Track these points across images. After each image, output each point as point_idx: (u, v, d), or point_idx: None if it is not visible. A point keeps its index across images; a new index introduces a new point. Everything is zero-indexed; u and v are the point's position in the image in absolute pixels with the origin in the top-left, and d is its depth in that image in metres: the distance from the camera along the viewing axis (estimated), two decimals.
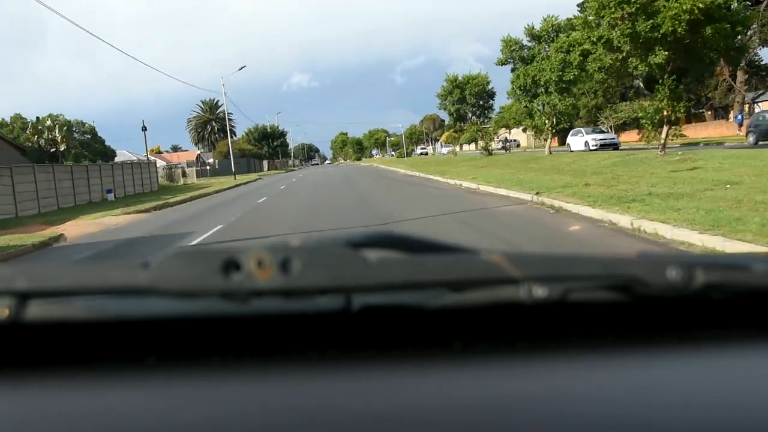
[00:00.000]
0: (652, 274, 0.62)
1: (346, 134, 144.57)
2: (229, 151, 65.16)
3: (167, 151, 78.49)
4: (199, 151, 71.82)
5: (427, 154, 73.94)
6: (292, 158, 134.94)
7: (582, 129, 32.17)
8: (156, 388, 0.59)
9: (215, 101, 78.93)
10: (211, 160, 64.88)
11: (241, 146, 69.86)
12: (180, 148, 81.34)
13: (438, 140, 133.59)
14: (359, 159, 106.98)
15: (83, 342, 0.64)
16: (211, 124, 78.27)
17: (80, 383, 0.60)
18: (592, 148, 27.43)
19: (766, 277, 0.67)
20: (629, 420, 0.52)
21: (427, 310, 0.64)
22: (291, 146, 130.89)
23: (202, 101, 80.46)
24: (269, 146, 75.65)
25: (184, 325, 0.65)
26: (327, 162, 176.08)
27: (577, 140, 30.26)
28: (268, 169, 74.02)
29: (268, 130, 78.53)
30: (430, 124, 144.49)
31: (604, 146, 27.31)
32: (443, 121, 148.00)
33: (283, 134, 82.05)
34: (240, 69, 43.52)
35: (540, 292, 0.62)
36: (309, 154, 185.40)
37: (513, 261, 0.61)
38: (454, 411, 0.53)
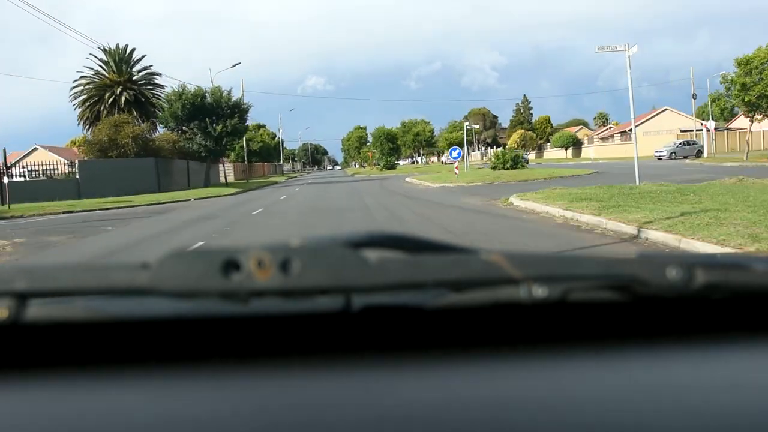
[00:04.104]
0: (652, 274, 0.62)
1: (363, 129, 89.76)
2: (117, 140, 27.43)
3: None
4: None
5: None
6: (284, 160, 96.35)
7: None
8: (156, 389, 0.59)
9: (129, 50, 42.10)
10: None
11: (164, 137, 33.76)
12: None
13: (488, 142, 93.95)
14: (392, 167, 56.24)
15: (83, 342, 0.64)
16: (113, 90, 41.24)
17: (80, 384, 0.60)
18: None
19: (766, 277, 0.68)
20: (630, 419, 0.51)
21: (427, 310, 0.65)
22: (283, 143, 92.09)
23: (103, 49, 42.42)
24: (207, 133, 34.61)
25: (185, 325, 0.65)
26: (337, 167, 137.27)
27: None
28: (212, 183, 37.06)
29: (208, 99, 34.98)
30: (479, 120, 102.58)
31: None
32: (495, 117, 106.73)
33: (239, 108, 36.49)
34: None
35: (540, 292, 0.62)
36: (315, 157, 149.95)
37: (513, 261, 0.61)
38: (454, 411, 0.53)
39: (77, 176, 28.36)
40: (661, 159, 39.62)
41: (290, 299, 0.59)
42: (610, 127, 77.81)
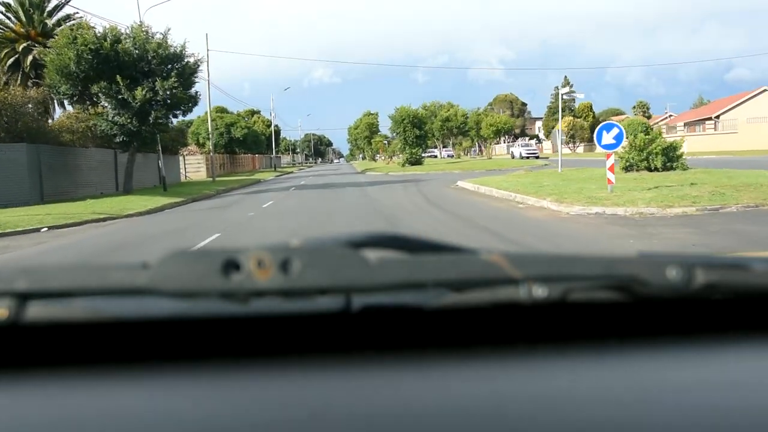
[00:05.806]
0: (652, 274, 0.62)
1: (374, 114, 68.95)
2: None
3: None
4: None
5: None
6: (281, 152, 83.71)
7: None
8: (156, 389, 0.59)
9: None
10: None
11: (75, 114, 21.15)
12: None
13: (515, 133, 79.86)
14: (418, 162, 40.43)
15: (83, 342, 0.64)
16: (14, 47, 28.37)
17: (81, 384, 0.60)
18: None
19: (766, 277, 0.68)
20: (630, 420, 0.52)
21: (427, 310, 0.65)
22: (280, 132, 79.67)
23: None
24: (122, 103, 18.92)
25: (184, 325, 0.65)
26: (342, 160, 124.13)
27: None
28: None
29: (128, 47, 19.14)
30: (506, 108, 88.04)
31: None
32: (524, 104, 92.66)
33: (180, 62, 20.00)
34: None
35: (540, 292, 0.62)
36: (318, 148, 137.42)
37: (512, 261, 0.61)
38: (454, 411, 0.53)
39: None
40: None
41: (290, 299, 0.59)
42: (670, 116, 64.71)
